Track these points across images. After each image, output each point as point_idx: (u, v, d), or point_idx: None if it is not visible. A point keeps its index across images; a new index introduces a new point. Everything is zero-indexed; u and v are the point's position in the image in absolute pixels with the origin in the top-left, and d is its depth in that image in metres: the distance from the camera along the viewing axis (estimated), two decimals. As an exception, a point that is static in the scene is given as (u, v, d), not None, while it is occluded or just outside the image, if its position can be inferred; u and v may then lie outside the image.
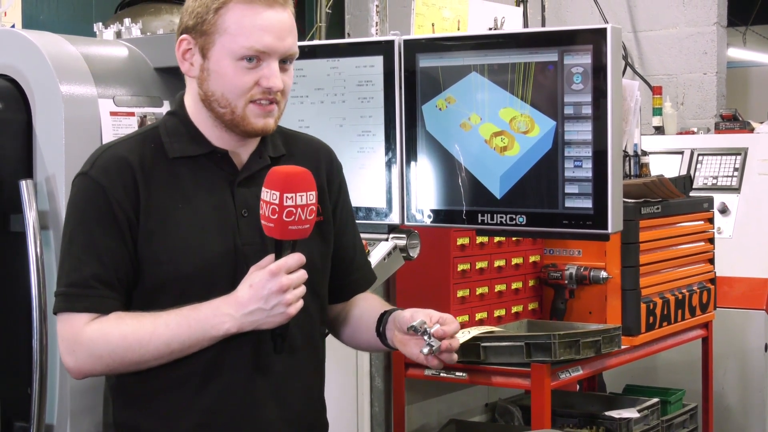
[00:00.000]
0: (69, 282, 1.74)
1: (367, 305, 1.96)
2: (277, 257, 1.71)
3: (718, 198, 4.45)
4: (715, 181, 4.72)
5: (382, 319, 1.88)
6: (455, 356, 1.78)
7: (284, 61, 1.77)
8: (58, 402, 2.24)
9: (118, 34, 2.60)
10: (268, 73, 1.74)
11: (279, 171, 1.69)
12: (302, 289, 1.72)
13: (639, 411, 3.55)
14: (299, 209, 1.67)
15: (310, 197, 1.68)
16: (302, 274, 1.71)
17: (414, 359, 1.81)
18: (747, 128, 4.93)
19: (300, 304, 1.72)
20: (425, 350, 1.75)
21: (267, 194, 1.67)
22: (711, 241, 4.00)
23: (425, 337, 1.75)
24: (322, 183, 1.88)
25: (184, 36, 1.79)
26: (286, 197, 1.66)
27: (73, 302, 1.73)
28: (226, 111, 1.77)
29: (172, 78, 2.50)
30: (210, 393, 1.77)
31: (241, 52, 1.73)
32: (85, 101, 2.30)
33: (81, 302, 1.73)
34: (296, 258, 1.70)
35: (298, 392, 1.84)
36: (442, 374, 3.16)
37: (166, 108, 2.47)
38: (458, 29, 3.01)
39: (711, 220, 4.01)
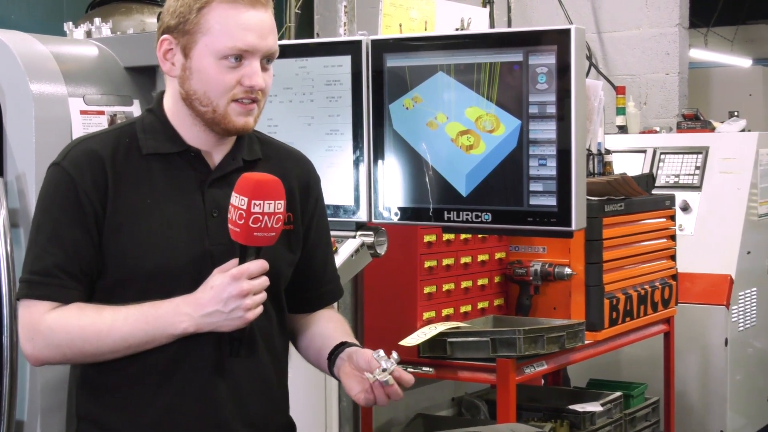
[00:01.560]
0: (32, 270, 1.75)
1: (331, 327, 1.94)
2: (241, 262, 1.71)
3: (680, 196, 4.51)
4: (677, 180, 4.79)
5: (339, 348, 1.85)
6: (399, 393, 1.74)
7: (265, 61, 1.78)
8: (29, 399, 2.25)
9: (89, 34, 2.60)
10: (250, 72, 1.75)
11: (250, 177, 1.69)
12: (263, 296, 1.72)
13: (602, 405, 3.60)
14: (266, 217, 1.67)
15: (278, 206, 1.69)
16: (264, 281, 1.72)
17: (351, 395, 1.77)
18: (708, 127, 4.99)
19: (259, 310, 1.72)
20: (378, 373, 1.70)
21: (236, 199, 1.68)
22: (673, 238, 4.05)
23: (383, 361, 1.71)
24: (295, 193, 1.89)
25: (165, 36, 1.79)
26: (254, 204, 1.66)
27: (34, 290, 1.74)
28: (208, 110, 1.78)
29: (142, 77, 2.52)
30: (169, 390, 1.77)
31: (224, 51, 1.74)
32: (56, 100, 2.31)
33: (42, 290, 1.74)
34: (259, 264, 1.71)
35: (257, 394, 1.84)
36: (409, 369, 3.18)
37: (136, 107, 2.48)
38: (425, 30, 3.03)
39: (673, 218, 4.06)
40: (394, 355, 1.73)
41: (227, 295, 1.69)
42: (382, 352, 1.74)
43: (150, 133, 1.82)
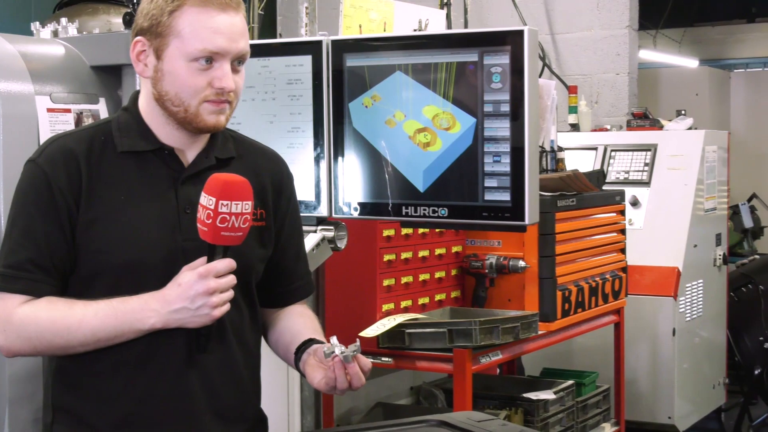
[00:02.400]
0: (6, 263, 1.78)
1: (300, 323, 1.97)
2: (209, 260, 1.74)
3: (630, 191, 4.62)
4: (626, 176, 4.91)
5: (307, 344, 1.89)
6: (361, 378, 1.79)
7: (236, 63, 1.80)
8: (-3, 390, 2.28)
9: (55, 33, 2.63)
10: (220, 74, 1.78)
11: (218, 178, 1.72)
12: (229, 294, 1.75)
13: (555, 393, 3.67)
14: (233, 217, 1.70)
15: (245, 206, 1.72)
16: (230, 279, 1.75)
17: (314, 383, 1.81)
18: (657, 125, 5.12)
19: (226, 307, 1.75)
20: (340, 352, 1.73)
21: (205, 199, 1.71)
22: (623, 232, 4.14)
23: (336, 348, 1.75)
24: (267, 190, 1.93)
25: (138, 38, 1.82)
26: (222, 204, 1.69)
27: (8, 283, 1.77)
28: (180, 109, 1.80)
29: (107, 76, 2.55)
30: (142, 382, 1.80)
31: (194, 54, 1.76)
32: (23, 98, 2.33)
33: (15, 284, 1.76)
34: (226, 263, 1.74)
35: (228, 385, 1.86)
36: (369, 360, 3.24)
37: (102, 105, 2.52)
38: (384, 30, 3.07)
39: (623, 212, 4.16)
40: (333, 339, 1.77)
41: (194, 292, 1.72)
42: (326, 348, 1.78)
43: (125, 131, 1.85)
